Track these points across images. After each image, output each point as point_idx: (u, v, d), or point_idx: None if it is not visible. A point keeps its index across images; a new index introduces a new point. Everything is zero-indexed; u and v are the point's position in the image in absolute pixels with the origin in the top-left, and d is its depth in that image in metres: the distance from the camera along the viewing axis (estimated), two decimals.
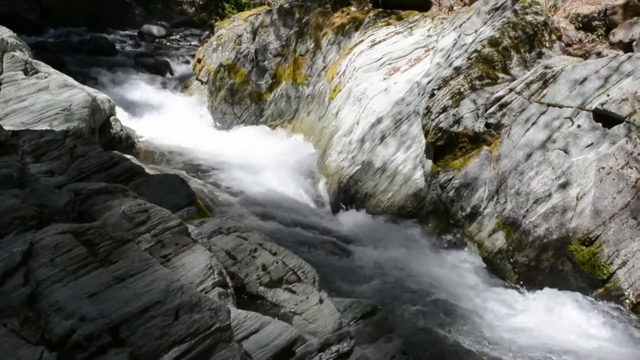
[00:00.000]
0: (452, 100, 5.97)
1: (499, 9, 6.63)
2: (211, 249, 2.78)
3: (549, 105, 5.49)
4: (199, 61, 12.68)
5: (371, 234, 6.04)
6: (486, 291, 4.97)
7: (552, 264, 4.90)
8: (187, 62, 15.06)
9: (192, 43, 18.06)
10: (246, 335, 2.27)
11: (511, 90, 5.78)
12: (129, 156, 5.40)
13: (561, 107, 5.39)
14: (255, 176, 7.56)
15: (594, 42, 6.82)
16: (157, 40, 18.07)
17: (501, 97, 5.77)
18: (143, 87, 12.48)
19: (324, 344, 2.49)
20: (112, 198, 2.86)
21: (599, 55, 6.27)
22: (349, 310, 2.92)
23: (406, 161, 6.59)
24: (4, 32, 7.31)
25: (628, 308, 4.42)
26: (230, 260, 2.85)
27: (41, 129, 5.06)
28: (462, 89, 5.98)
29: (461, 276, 5.20)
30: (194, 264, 2.46)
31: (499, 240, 5.32)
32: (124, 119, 8.62)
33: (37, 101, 6.40)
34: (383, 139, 6.97)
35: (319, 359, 2.43)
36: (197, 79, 12.58)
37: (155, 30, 18.58)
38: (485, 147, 5.73)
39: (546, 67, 5.78)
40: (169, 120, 10.22)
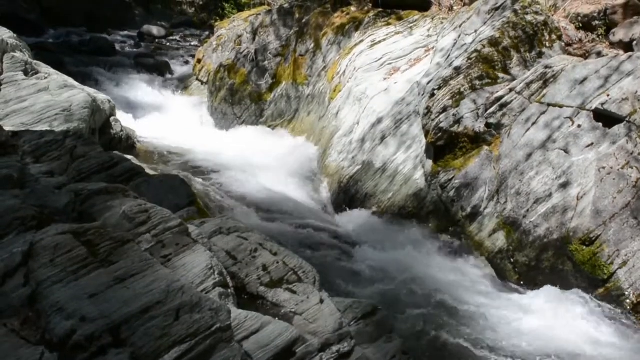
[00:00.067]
0: (453, 100, 5.97)
1: (499, 8, 6.63)
2: (212, 249, 2.78)
3: (549, 105, 5.49)
4: (199, 61, 12.68)
5: (372, 234, 6.03)
6: (486, 291, 4.97)
7: (553, 264, 4.90)
8: (187, 62, 15.06)
9: (192, 43, 18.05)
10: (247, 336, 2.27)
11: (511, 90, 5.78)
12: (129, 156, 5.39)
13: (561, 107, 5.39)
14: (256, 176, 7.55)
15: (594, 41, 6.82)
16: (157, 40, 18.06)
17: (501, 97, 5.77)
18: (143, 87, 12.46)
19: (325, 344, 2.49)
20: (113, 198, 2.86)
21: (599, 55, 6.27)
22: (350, 311, 2.91)
23: (406, 161, 6.59)
24: (4, 33, 7.30)
25: (628, 308, 4.43)
26: (230, 261, 2.85)
27: (41, 129, 5.07)
28: (462, 89, 5.98)
29: (461, 276, 5.20)
30: (195, 264, 2.46)
31: (500, 240, 5.32)
32: (124, 119, 8.60)
33: (37, 102, 6.39)
34: (383, 139, 6.97)
35: (319, 359, 2.43)
36: (197, 79, 12.58)
37: (155, 30, 18.58)
38: (486, 147, 5.73)
39: (546, 67, 5.78)
40: (169, 120, 10.21)
